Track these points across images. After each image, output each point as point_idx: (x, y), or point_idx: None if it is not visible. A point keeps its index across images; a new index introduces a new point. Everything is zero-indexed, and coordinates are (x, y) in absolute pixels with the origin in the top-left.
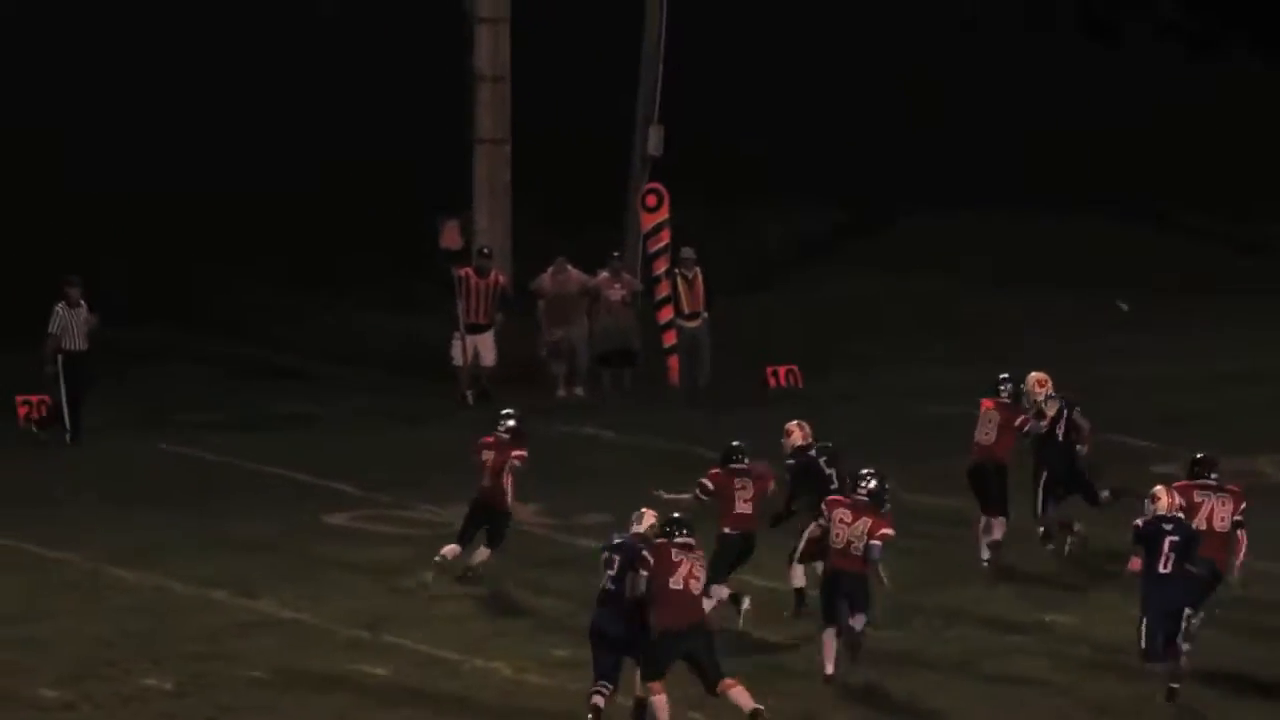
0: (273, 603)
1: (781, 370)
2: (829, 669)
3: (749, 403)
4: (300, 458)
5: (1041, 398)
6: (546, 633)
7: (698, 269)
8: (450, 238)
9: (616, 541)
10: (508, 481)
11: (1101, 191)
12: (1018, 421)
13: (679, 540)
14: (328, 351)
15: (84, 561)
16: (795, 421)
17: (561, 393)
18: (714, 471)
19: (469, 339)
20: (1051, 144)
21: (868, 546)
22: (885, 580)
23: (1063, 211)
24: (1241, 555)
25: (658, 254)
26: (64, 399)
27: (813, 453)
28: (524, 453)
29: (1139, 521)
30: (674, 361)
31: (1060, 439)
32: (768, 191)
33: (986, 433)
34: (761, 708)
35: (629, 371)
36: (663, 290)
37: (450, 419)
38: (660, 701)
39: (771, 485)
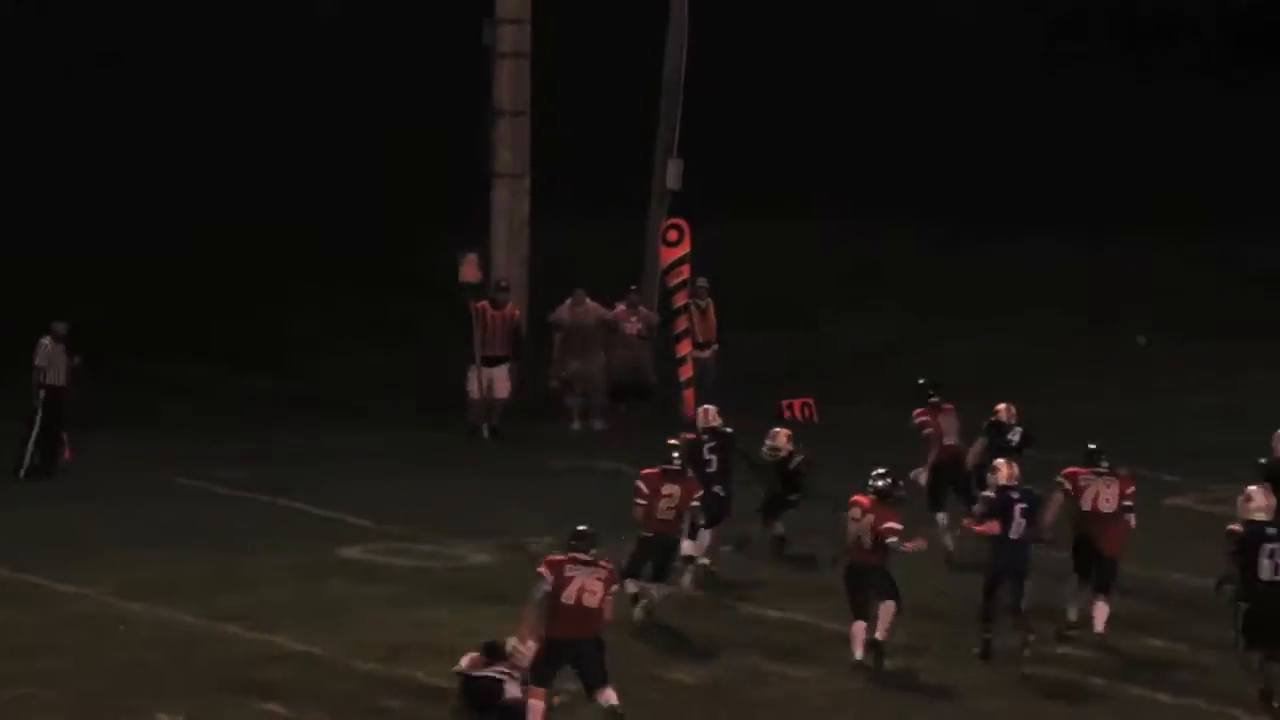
0: (286, 636)
1: (796, 403)
2: (857, 654)
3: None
4: (314, 492)
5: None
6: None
7: (709, 300)
8: (469, 271)
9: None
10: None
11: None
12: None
13: (577, 557)
14: (340, 385)
15: (97, 595)
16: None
17: (575, 425)
18: (647, 472)
19: (484, 372)
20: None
21: (884, 542)
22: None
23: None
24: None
25: (678, 288)
26: (36, 431)
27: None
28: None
29: (988, 493)
30: (690, 394)
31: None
32: (793, 220)
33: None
34: (618, 706)
35: (643, 405)
36: (681, 324)
37: (464, 452)
38: (537, 707)
39: (698, 494)
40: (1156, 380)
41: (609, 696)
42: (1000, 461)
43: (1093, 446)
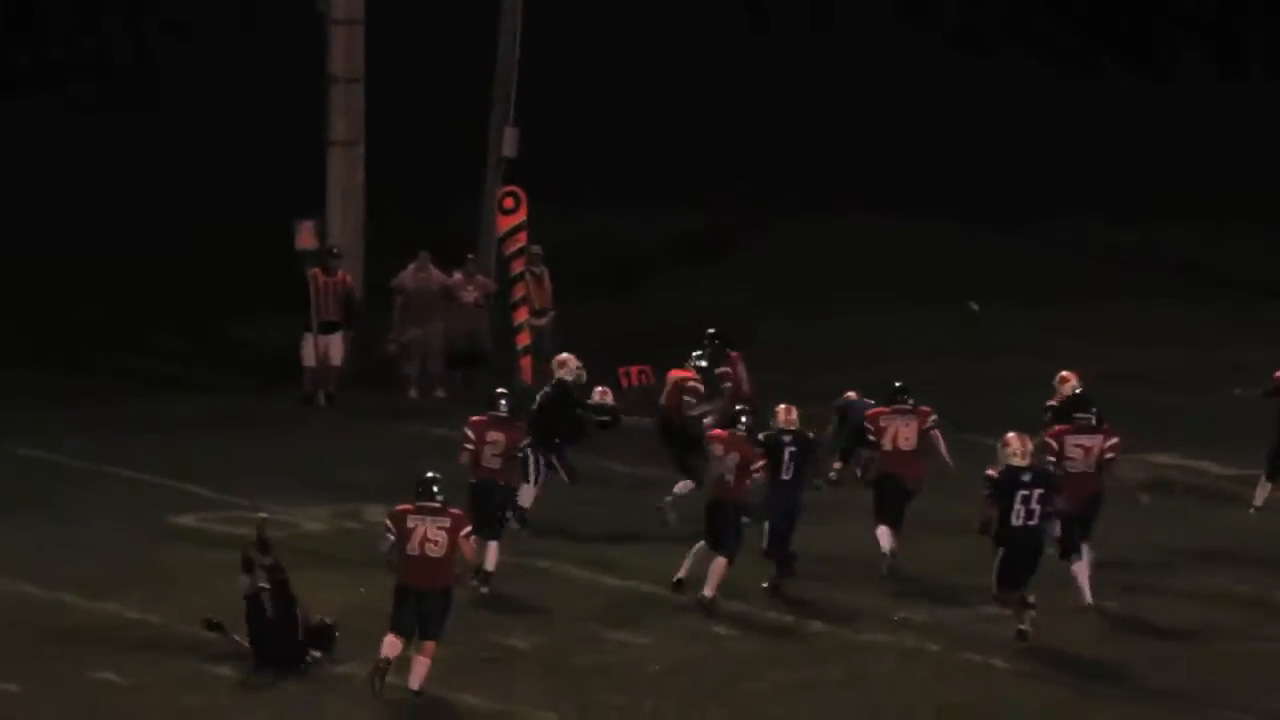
0: (122, 604)
1: (634, 370)
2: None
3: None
4: (150, 460)
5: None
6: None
7: (545, 267)
8: (305, 238)
9: None
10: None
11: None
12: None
13: (423, 505)
14: (178, 355)
15: None
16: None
17: (413, 394)
18: (474, 419)
19: (319, 338)
20: (926, 152)
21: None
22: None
23: (939, 218)
24: (944, 451)
25: (515, 255)
26: None
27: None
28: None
29: (760, 435)
30: (526, 362)
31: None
32: (626, 194)
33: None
34: (421, 692)
35: (479, 373)
36: (519, 291)
37: (301, 420)
38: (393, 644)
39: (522, 440)
40: (989, 344)
41: (419, 674)
42: (781, 407)
43: (898, 385)
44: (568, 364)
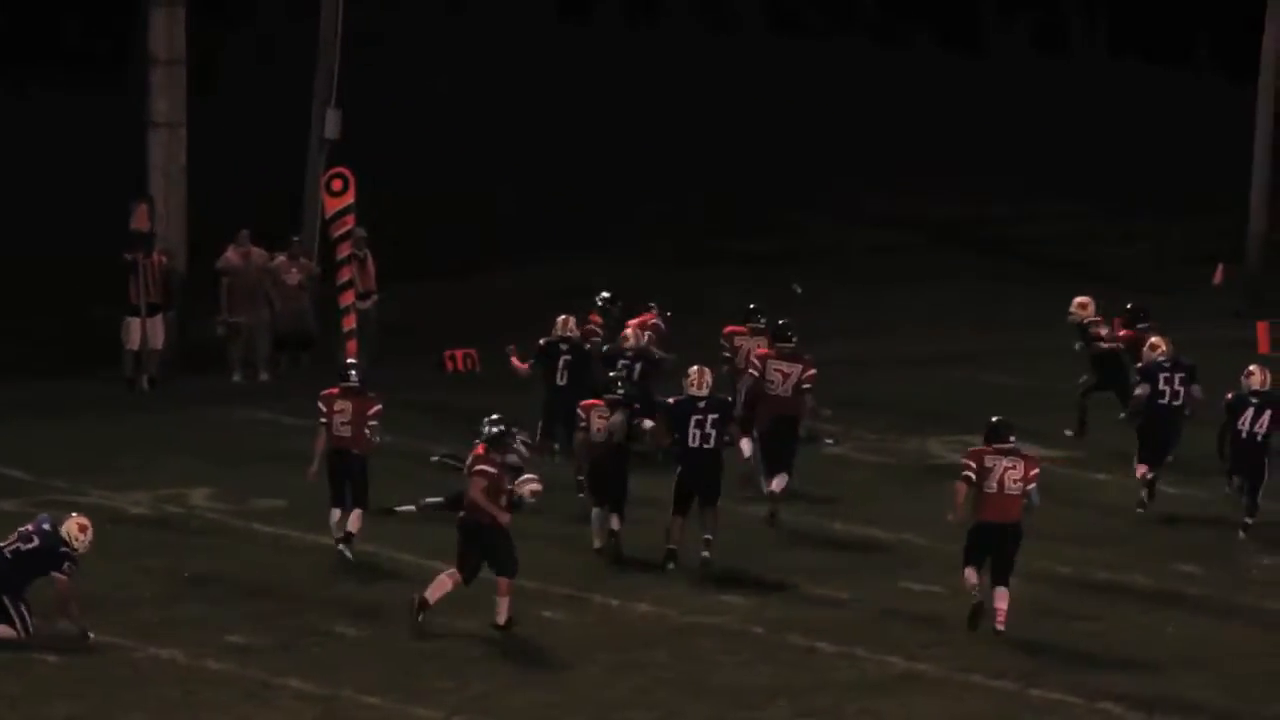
0: None
1: (459, 354)
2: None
3: (422, 386)
4: None
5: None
6: (220, 619)
7: (368, 250)
8: (141, 220)
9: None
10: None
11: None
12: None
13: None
14: None
15: None
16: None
17: (238, 377)
18: (326, 391)
19: (140, 321)
20: (735, 136)
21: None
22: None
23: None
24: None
25: (342, 238)
26: None
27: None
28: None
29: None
30: (352, 345)
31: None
32: (454, 182)
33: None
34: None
35: (305, 355)
36: (345, 274)
37: (123, 403)
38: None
39: (374, 409)
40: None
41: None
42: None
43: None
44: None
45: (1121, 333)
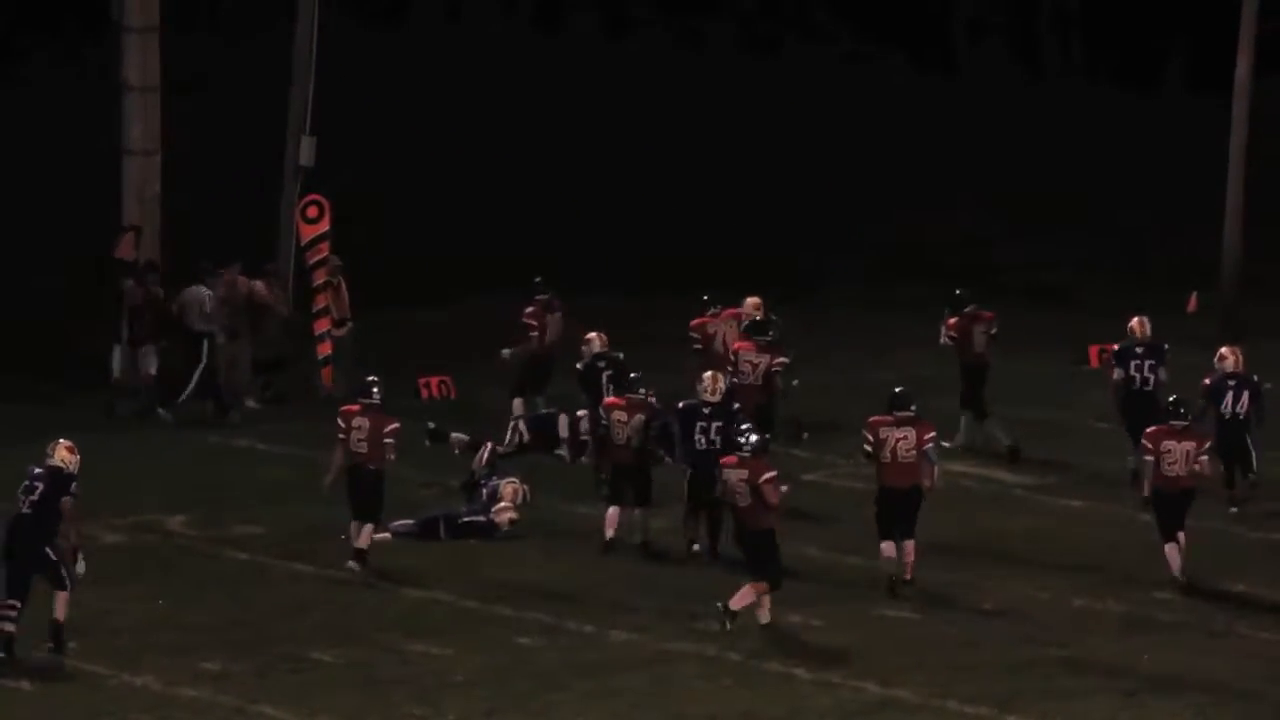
0: None
1: (434, 380)
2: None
3: (398, 412)
4: None
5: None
6: (195, 645)
7: (342, 277)
8: (125, 249)
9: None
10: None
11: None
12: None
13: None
14: None
15: None
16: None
17: (236, 417)
18: (345, 408)
19: (129, 350)
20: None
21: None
22: None
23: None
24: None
25: (317, 265)
26: None
27: (601, 363)
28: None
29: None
30: (328, 372)
31: None
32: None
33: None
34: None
35: (282, 379)
36: (321, 301)
37: (104, 430)
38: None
39: (389, 427)
40: None
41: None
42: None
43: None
44: (592, 341)
45: (951, 321)
